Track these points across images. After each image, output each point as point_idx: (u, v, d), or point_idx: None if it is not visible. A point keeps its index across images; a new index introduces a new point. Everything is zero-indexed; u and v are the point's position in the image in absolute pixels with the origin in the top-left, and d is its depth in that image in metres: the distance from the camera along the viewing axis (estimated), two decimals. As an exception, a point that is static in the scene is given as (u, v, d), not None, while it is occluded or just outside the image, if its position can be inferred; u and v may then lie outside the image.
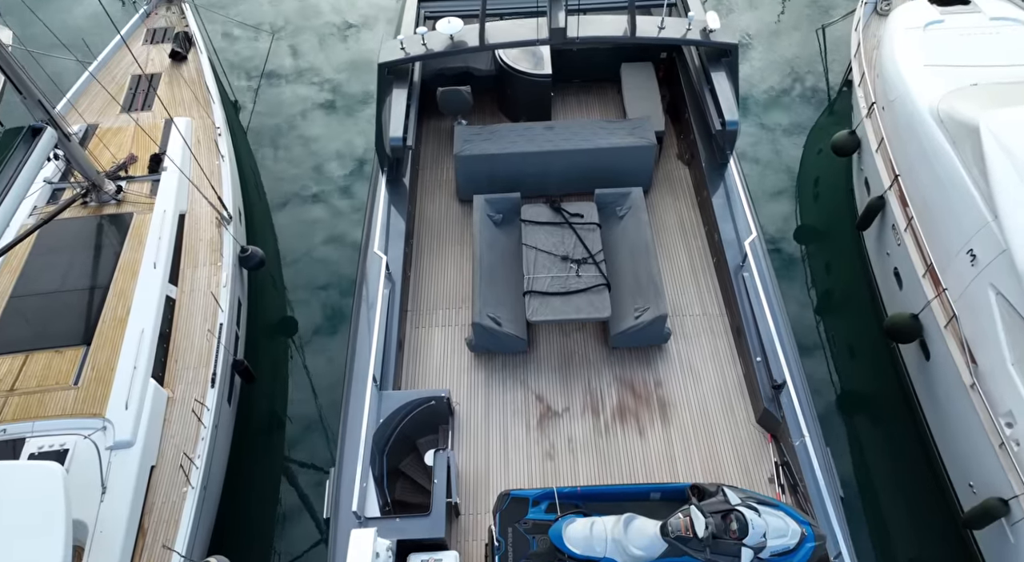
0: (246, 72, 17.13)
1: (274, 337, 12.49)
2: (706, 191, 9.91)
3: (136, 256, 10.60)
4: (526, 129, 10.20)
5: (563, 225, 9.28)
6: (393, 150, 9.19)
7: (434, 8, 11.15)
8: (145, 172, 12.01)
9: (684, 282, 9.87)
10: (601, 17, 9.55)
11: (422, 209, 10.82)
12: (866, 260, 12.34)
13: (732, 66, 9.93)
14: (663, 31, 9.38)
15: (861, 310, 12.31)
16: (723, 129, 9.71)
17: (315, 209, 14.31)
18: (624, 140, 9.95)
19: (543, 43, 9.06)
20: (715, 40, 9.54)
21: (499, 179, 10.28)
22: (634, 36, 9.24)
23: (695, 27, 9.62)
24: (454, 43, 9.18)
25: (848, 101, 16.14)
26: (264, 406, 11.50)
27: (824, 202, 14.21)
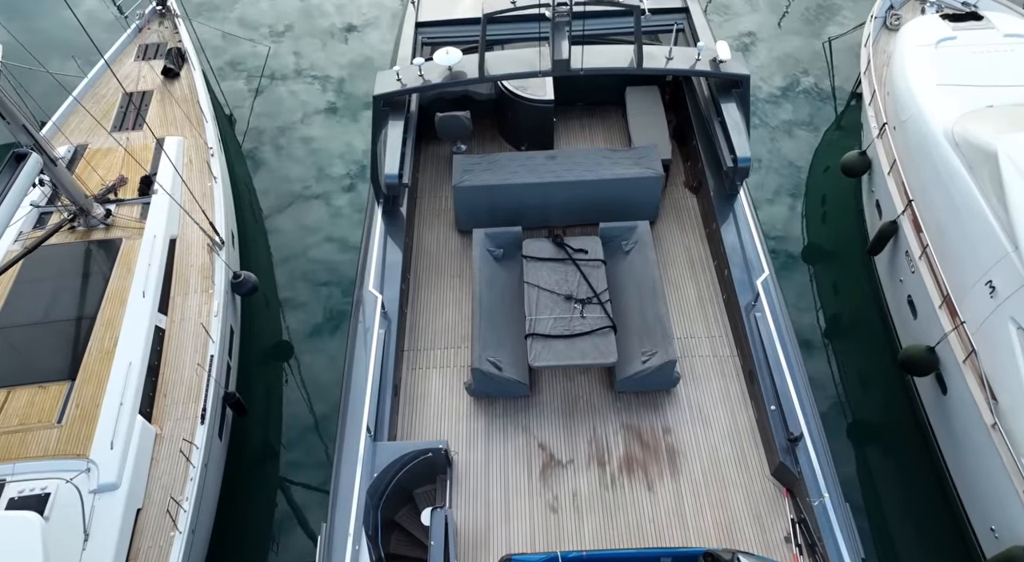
0: (243, 80, 16.79)
1: (268, 363, 12.13)
2: (715, 223, 9.52)
3: (125, 284, 10.25)
4: (527, 159, 9.83)
5: (566, 261, 8.89)
6: (389, 187, 8.79)
7: (432, 34, 10.75)
8: (135, 194, 11.67)
9: (693, 319, 9.46)
10: (606, 47, 9.17)
11: (420, 240, 10.44)
12: (877, 285, 11.99)
13: (743, 97, 9.55)
14: (671, 62, 8.99)
15: (872, 336, 11.95)
16: (735, 166, 9.34)
17: (312, 224, 13.96)
18: (630, 170, 9.59)
19: (545, 74, 8.68)
20: (726, 71, 9.18)
21: (500, 210, 9.91)
22: (641, 67, 8.86)
23: (705, 57, 9.21)
24: (452, 74, 8.81)
25: (856, 116, 15.81)
26: (257, 438, 11.14)
27: (832, 222, 13.87)
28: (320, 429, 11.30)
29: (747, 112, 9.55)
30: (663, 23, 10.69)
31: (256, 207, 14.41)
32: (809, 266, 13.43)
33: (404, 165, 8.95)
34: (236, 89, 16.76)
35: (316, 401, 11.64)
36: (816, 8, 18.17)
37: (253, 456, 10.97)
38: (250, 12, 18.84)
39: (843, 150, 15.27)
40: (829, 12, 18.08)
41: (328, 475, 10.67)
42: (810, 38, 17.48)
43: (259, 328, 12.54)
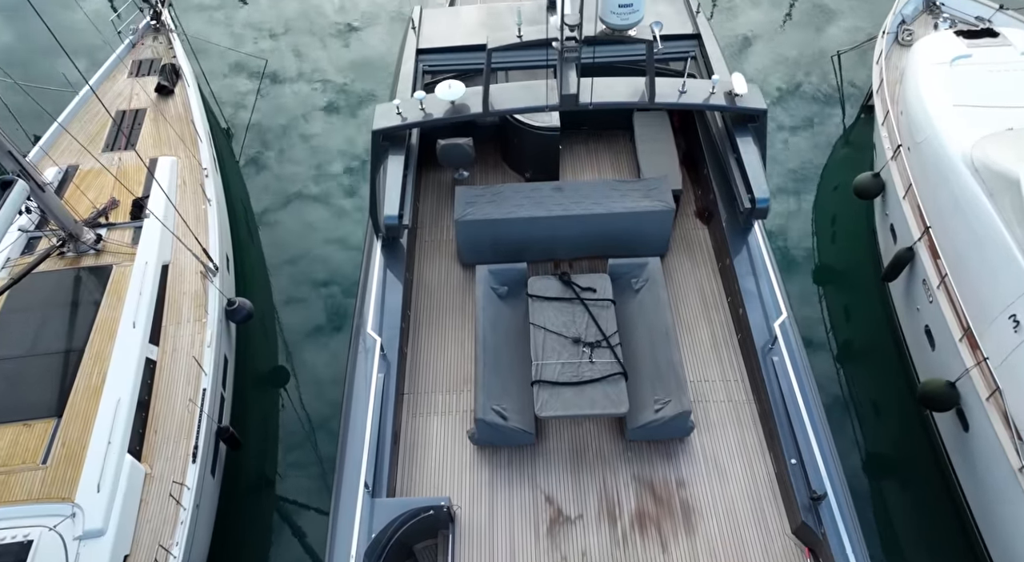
0: (240, 92, 16.46)
1: (263, 390, 11.78)
2: (728, 258, 9.12)
3: (115, 314, 9.90)
4: (532, 190, 9.45)
5: (574, 301, 8.51)
6: (388, 229, 8.40)
7: (434, 62, 10.34)
8: (127, 218, 11.32)
9: (706, 361, 9.02)
10: (616, 80, 8.77)
11: (420, 274, 10.03)
12: (892, 312, 11.63)
13: (760, 132, 9.14)
14: (684, 95, 8.61)
15: (886, 363, 11.59)
16: (752, 207, 8.89)
17: (310, 241, 13.63)
18: (639, 203, 9.21)
19: (553, 109, 8.32)
20: (742, 105, 8.80)
21: (503, 244, 9.53)
22: (653, 102, 8.49)
23: (719, 90, 8.82)
24: (455, 109, 8.44)
25: (866, 131, 15.47)
26: (252, 473, 10.78)
27: (844, 244, 13.51)
28: (318, 458, 10.94)
29: (764, 146, 9.16)
30: (674, 50, 10.31)
31: (253, 226, 14.06)
32: (819, 288, 13.08)
33: (404, 205, 8.53)
34: (233, 101, 16.44)
35: (313, 429, 11.29)
36: (825, 20, 17.83)
37: (248, 491, 10.61)
38: (247, 22, 18.60)
39: (853, 167, 14.96)
40: (837, 23, 17.73)
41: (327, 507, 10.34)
42: (818, 50, 17.14)
43: (254, 353, 12.19)
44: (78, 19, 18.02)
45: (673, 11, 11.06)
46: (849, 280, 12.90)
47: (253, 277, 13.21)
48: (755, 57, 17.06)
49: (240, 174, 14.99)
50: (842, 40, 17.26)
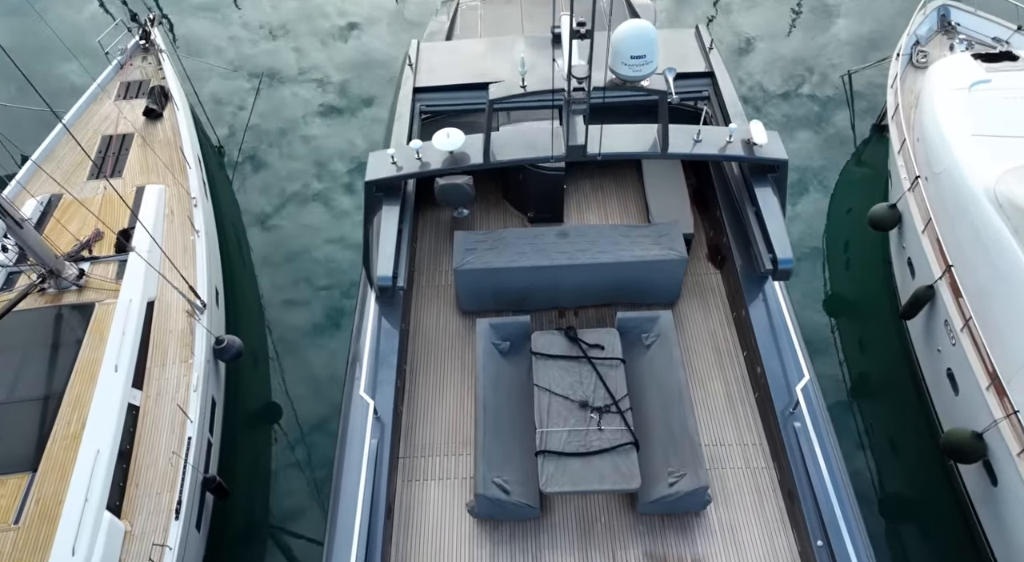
0: (233, 108, 15.99)
1: (255, 428, 11.29)
2: (744, 309, 8.61)
3: (96, 356, 9.42)
4: (535, 237, 8.94)
5: (581, 360, 8.01)
6: (381, 290, 7.89)
7: (432, 102, 9.75)
8: (111, 251, 10.85)
9: (722, 422, 8.45)
10: (626, 129, 8.26)
11: (418, 322, 9.49)
12: (910, 350, 11.14)
13: (780, 182, 8.56)
14: (699, 145, 8.09)
15: (904, 403, 11.10)
16: (775, 268, 8.14)
17: (303, 269, 13.17)
18: (649, 251, 8.71)
19: (559, 160, 7.82)
20: (761, 156, 8.29)
21: (505, 293, 9.03)
22: (666, 153, 7.98)
23: (736, 139, 8.28)
24: (454, 159, 7.95)
25: (878, 150, 15.01)
26: (240, 524, 10.25)
27: (857, 273, 13.03)
28: (311, 504, 10.46)
29: (783, 197, 8.63)
30: (686, 90, 9.75)
31: (245, 250, 13.58)
32: (832, 318, 12.61)
33: (399, 263, 7.97)
34: (225, 118, 15.97)
35: (307, 472, 10.80)
36: (836, 37, 17.39)
37: (236, 544, 10.09)
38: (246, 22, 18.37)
39: (865, 189, 14.51)
40: (849, 41, 17.30)
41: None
42: (830, 68, 16.69)
43: (245, 390, 11.70)
44: (67, 38, 17.58)
45: (685, 46, 10.45)
46: (863, 312, 12.42)
47: (245, 306, 12.73)
48: (762, 71, 16.61)
49: (232, 193, 14.51)
50: (854, 57, 16.83)
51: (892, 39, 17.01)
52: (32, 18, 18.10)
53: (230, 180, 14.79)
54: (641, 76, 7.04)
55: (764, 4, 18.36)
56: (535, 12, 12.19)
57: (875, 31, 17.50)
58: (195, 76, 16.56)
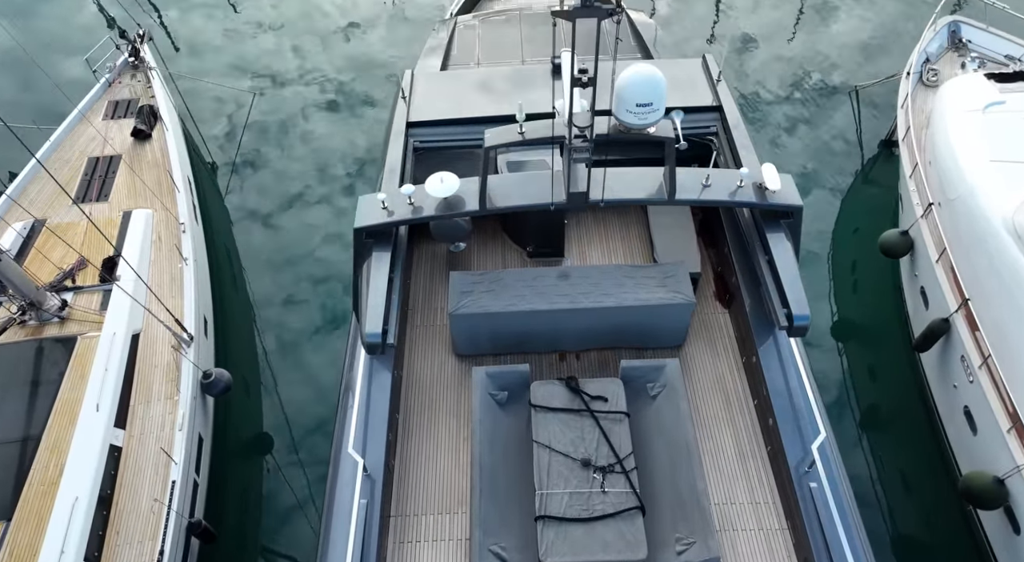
0: (226, 122, 15.63)
1: (245, 463, 10.90)
2: (754, 355, 8.20)
3: (77, 395, 9.03)
4: (535, 278, 8.52)
5: (583, 413, 7.61)
6: (369, 347, 7.54)
7: (427, 138, 9.24)
8: (96, 280, 10.47)
9: (732, 478, 7.95)
10: (630, 173, 7.79)
11: (411, 367, 9.03)
12: (924, 383, 10.75)
13: (794, 228, 8.12)
14: (708, 190, 7.65)
15: (917, 437, 10.70)
16: (790, 324, 7.57)
17: (297, 295, 12.79)
18: (655, 294, 8.30)
19: (559, 207, 7.41)
20: (775, 202, 7.74)
21: (503, 337, 8.62)
22: (673, 199, 7.54)
23: (748, 183, 7.83)
24: (448, 205, 7.58)
25: (887, 168, 14.64)
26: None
27: (867, 297, 12.64)
28: (304, 546, 10.07)
29: (797, 244, 8.17)
30: (692, 125, 9.14)
31: (237, 271, 13.20)
32: (839, 343, 12.23)
33: (390, 318, 7.49)
34: (218, 133, 15.60)
35: (300, 511, 10.41)
36: (843, 51, 17.04)
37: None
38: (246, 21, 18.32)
39: (873, 209, 14.13)
40: (858, 57, 16.94)
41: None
42: (835, 82, 16.34)
43: (235, 422, 11.31)
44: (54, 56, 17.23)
45: (690, 77, 9.89)
46: (873, 339, 12.03)
47: (236, 332, 12.34)
48: (766, 83, 16.25)
49: (226, 211, 14.13)
50: (863, 70, 16.48)
51: (900, 49, 16.68)
52: (27, 27, 17.74)
53: (223, 197, 14.41)
54: (647, 124, 6.62)
55: (767, 9, 18.01)
56: (535, 34, 11.79)
57: (884, 44, 17.14)
58: (187, 91, 16.18)
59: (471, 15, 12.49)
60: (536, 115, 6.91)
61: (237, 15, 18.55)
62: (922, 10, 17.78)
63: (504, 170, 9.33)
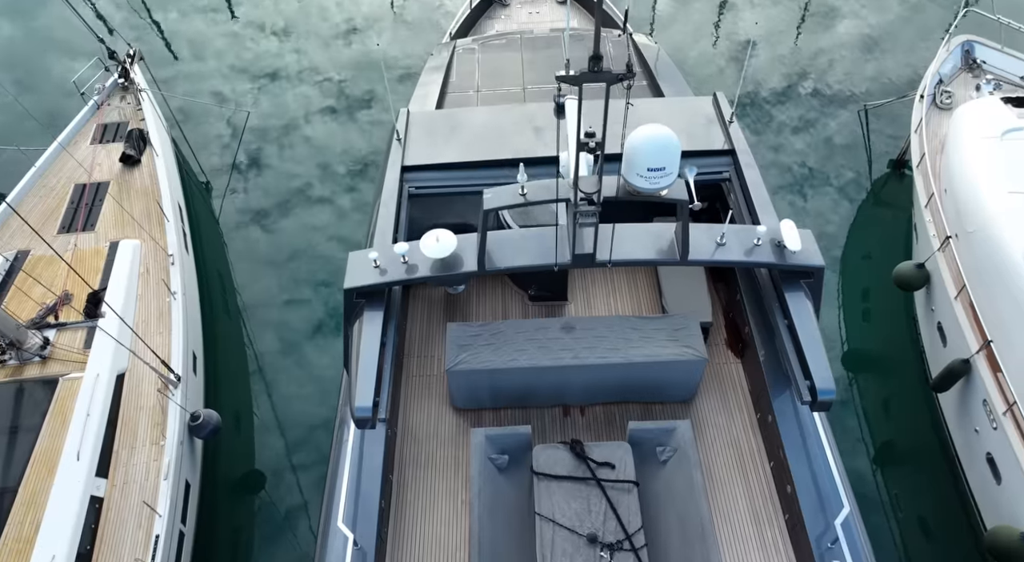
0: (221, 139, 15.24)
1: (235, 504, 10.49)
2: (770, 413, 7.75)
3: (57, 443, 8.62)
4: (537, 330, 8.09)
5: (589, 481, 7.16)
6: (358, 422, 6.83)
7: (422, 183, 8.66)
8: (80, 315, 10.05)
9: (747, 546, 7.42)
10: (639, 231, 7.22)
11: (406, 421, 8.54)
12: (942, 423, 10.33)
13: (814, 289, 7.54)
14: (722, 248, 7.09)
15: (936, 481, 10.25)
16: (813, 399, 6.83)
17: (294, 324, 12.40)
18: (665, 349, 7.86)
19: (564, 267, 6.96)
20: (795, 262, 7.15)
21: (504, 392, 8.19)
22: (685, 260, 6.99)
23: (765, 241, 7.26)
24: (444, 265, 7.16)
25: (897, 189, 14.25)
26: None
27: (878, 327, 12.22)
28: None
29: (818, 304, 7.64)
30: (703, 170, 8.54)
31: (230, 298, 12.79)
32: (850, 373, 11.83)
33: (381, 389, 6.87)
34: (212, 151, 15.22)
35: (293, 552, 10.00)
36: (852, 69, 16.64)
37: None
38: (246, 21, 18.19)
39: (884, 234, 13.72)
40: (869, 75, 16.54)
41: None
42: (844, 100, 15.94)
43: (225, 460, 10.90)
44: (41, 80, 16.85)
45: (701, 117, 9.27)
46: (886, 371, 11.61)
47: (227, 365, 11.93)
48: (775, 106, 15.84)
49: (219, 234, 13.72)
50: (874, 89, 16.09)
51: (912, 66, 16.30)
52: (19, 44, 17.37)
53: (216, 217, 14.01)
54: (658, 188, 6.12)
55: (774, 22, 17.62)
56: (536, 59, 11.38)
57: (895, 61, 16.75)
58: (179, 108, 15.79)
59: (470, 38, 12.08)
60: (538, 160, 6.50)
61: (236, 16, 18.42)
62: (931, 23, 17.42)
63: (508, 220, 8.89)
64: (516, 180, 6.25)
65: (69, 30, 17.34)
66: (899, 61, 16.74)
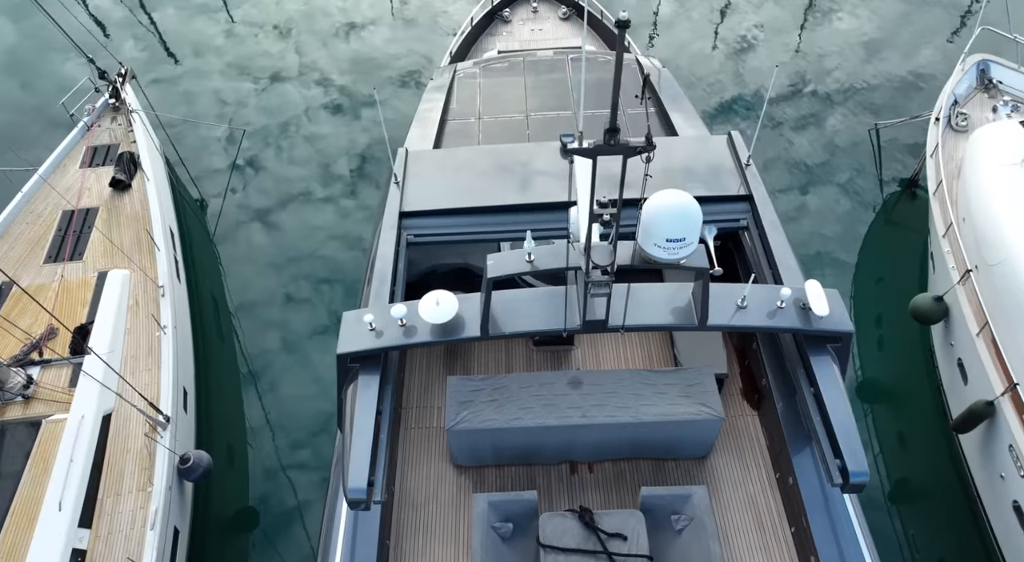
0: (217, 155, 14.86)
1: (229, 544, 10.09)
2: (791, 476, 7.28)
3: (38, 492, 8.22)
4: (542, 385, 7.63)
5: (599, 555, 6.75)
6: (351, 503, 6.19)
7: (421, 231, 8.14)
8: (66, 351, 9.67)
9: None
10: (654, 292, 6.74)
11: (404, 481, 8.03)
12: (963, 462, 9.93)
13: (841, 354, 7.03)
14: (743, 311, 6.61)
15: (957, 525, 9.83)
16: (845, 482, 6.29)
17: (292, 360, 12.02)
18: (678, 408, 7.40)
19: (573, 332, 6.56)
20: (821, 328, 6.67)
21: (507, 451, 7.74)
22: (704, 325, 6.53)
23: (789, 304, 6.78)
24: (445, 330, 6.76)
25: (910, 211, 13.86)
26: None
27: (892, 356, 11.79)
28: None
29: (844, 368, 7.12)
30: (720, 218, 8.14)
31: (225, 325, 12.40)
32: (865, 405, 11.43)
33: (377, 467, 6.35)
34: (206, 169, 14.85)
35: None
36: (862, 88, 16.26)
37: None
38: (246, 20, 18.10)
39: (897, 257, 13.31)
40: (876, 94, 16.16)
41: None
42: (855, 120, 15.56)
43: (218, 498, 10.49)
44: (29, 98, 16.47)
45: (714, 158, 8.73)
46: (901, 404, 11.20)
47: (221, 396, 11.53)
48: (785, 125, 15.47)
49: (214, 254, 13.33)
50: (885, 107, 15.71)
51: (925, 85, 15.94)
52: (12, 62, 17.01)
53: (211, 236, 13.62)
54: (676, 259, 5.70)
55: (780, 33, 17.25)
56: (539, 84, 10.98)
57: (908, 81, 16.38)
58: (171, 124, 15.41)
59: (471, 62, 11.67)
60: (545, 205, 6.09)
61: (236, 17, 18.30)
62: (939, 37, 17.07)
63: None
64: (521, 228, 5.86)
65: (62, 45, 16.96)
66: (911, 80, 16.39)
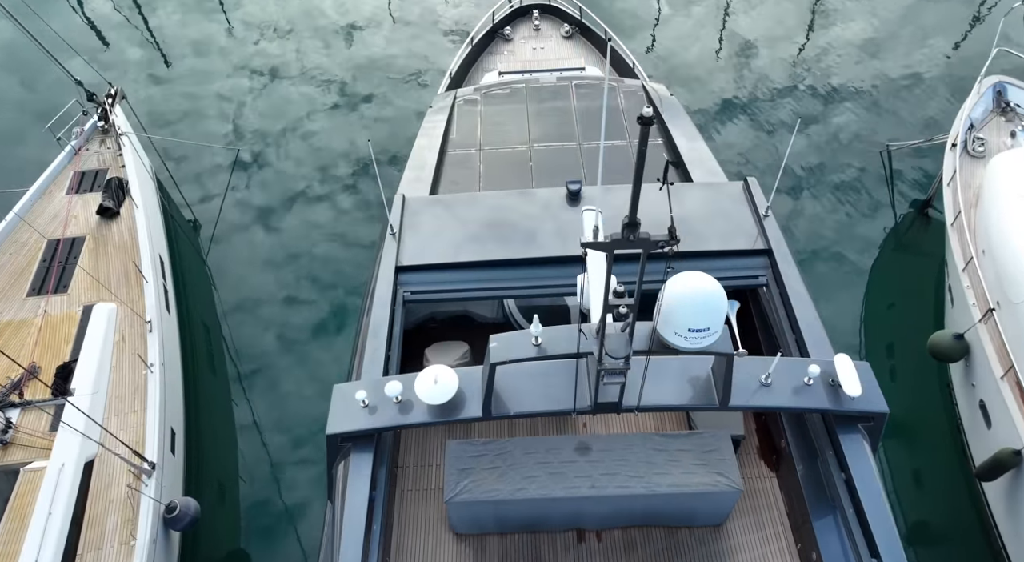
0: (212, 172, 14.46)
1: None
2: (815, 551, 6.75)
3: (14, 546, 7.81)
4: (548, 451, 7.16)
5: None
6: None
7: (418, 288, 7.62)
8: (47, 392, 9.25)
9: None
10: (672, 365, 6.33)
11: (400, 550, 7.54)
12: (987, 512, 9.50)
13: (873, 434, 6.60)
14: (767, 389, 6.16)
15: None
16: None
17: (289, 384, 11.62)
18: (693, 477, 6.94)
19: (583, 413, 6.16)
20: (854, 409, 6.16)
21: (510, 521, 7.27)
22: (726, 406, 6.10)
23: (817, 382, 6.28)
24: (443, 411, 6.35)
25: (922, 236, 13.44)
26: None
27: (907, 390, 11.36)
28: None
29: (875, 447, 6.74)
30: (736, 274, 7.67)
31: (217, 351, 12.00)
32: (880, 441, 10.98)
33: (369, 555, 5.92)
34: (200, 187, 14.47)
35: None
36: (873, 110, 15.87)
37: None
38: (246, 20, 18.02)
39: (909, 283, 12.88)
40: (890, 115, 15.77)
41: None
42: (868, 142, 15.16)
43: (208, 541, 10.07)
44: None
45: (730, 206, 8.25)
46: (918, 443, 10.77)
47: (213, 433, 11.12)
48: (794, 144, 15.07)
49: (207, 277, 12.93)
50: (895, 133, 15.31)
51: (939, 108, 15.55)
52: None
53: (203, 258, 13.22)
54: (698, 349, 5.25)
55: (787, 44, 16.87)
56: (542, 112, 10.55)
57: (919, 103, 15.98)
58: (163, 141, 15.03)
59: (471, 88, 11.24)
60: (552, 260, 5.68)
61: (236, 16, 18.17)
62: (954, 55, 16.69)
63: (514, 311, 8.05)
64: (526, 284, 5.45)
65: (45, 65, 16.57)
66: (923, 103, 16.00)
